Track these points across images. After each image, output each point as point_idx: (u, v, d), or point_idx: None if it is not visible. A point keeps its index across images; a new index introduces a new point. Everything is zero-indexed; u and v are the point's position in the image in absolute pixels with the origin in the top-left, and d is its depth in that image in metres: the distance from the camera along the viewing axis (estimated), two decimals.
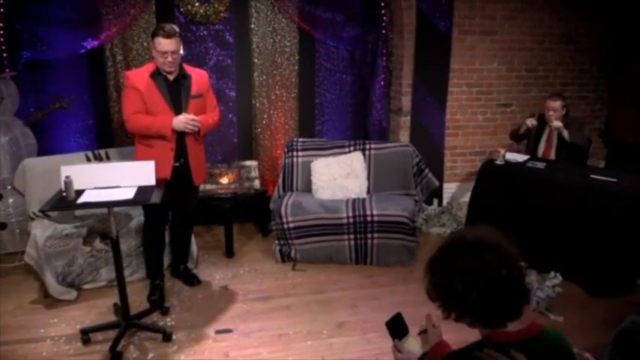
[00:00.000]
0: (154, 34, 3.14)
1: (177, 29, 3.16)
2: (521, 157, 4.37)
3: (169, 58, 3.13)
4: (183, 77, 3.29)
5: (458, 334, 1.70)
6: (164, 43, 3.09)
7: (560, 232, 3.79)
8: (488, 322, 1.34)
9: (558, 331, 1.43)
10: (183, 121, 3.19)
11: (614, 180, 3.80)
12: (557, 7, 5.11)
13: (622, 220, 3.58)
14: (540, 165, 4.16)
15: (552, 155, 4.42)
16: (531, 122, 4.43)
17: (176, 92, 3.28)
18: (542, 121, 4.46)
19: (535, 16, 5.10)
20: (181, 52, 3.22)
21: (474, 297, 1.27)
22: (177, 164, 3.33)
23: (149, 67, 3.26)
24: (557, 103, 4.31)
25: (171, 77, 3.24)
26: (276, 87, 4.82)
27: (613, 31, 5.32)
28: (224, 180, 4.60)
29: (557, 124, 4.24)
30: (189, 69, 3.36)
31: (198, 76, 3.37)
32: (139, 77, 3.23)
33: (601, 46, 5.38)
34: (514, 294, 1.30)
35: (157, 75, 3.22)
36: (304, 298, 3.57)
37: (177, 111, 3.25)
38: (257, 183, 4.71)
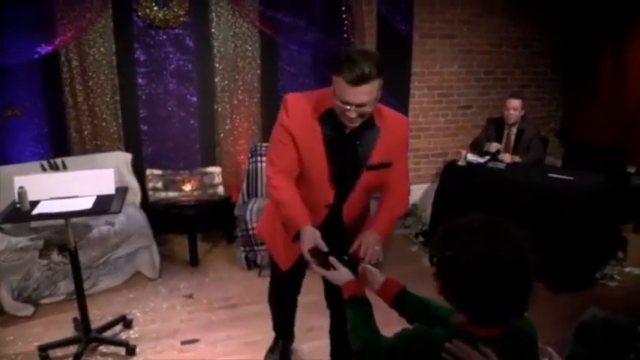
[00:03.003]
0: (338, 69, 1.83)
1: (380, 60, 1.84)
2: (482, 158, 4.46)
3: (352, 115, 1.88)
4: (364, 130, 2.01)
5: None
6: (349, 92, 1.83)
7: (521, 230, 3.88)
8: (473, 314, 1.29)
9: (528, 323, 1.42)
10: (308, 243, 1.85)
11: (571, 178, 3.93)
12: (513, 11, 5.27)
13: (579, 217, 3.70)
14: (501, 165, 4.27)
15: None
16: (496, 147, 4.47)
17: (348, 155, 2.04)
18: (500, 124, 4.56)
19: (492, 20, 5.24)
20: (379, 95, 1.92)
21: (478, 288, 1.22)
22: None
23: (320, 100, 2.01)
24: (517, 102, 4.42)
25: (347, 128, 2.01)
26: (239, 92, 4.78)
27: (566, 34, 5.51)
28: (186, 187, 4.52)
29: (507, 158, 4.35)
30: (379, 114, 2.05)
31: (392, 131, 2.07)
32: (300, 116, 2.01)
33: (555, 50, 5.57)
34: (520, 296, 1.26)
35: (327, 120, 2.00)
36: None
37: (341, 185, 2.09)
38: (221, 189, 4.66)
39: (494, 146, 4.46)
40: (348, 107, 1.86)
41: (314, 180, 2.07)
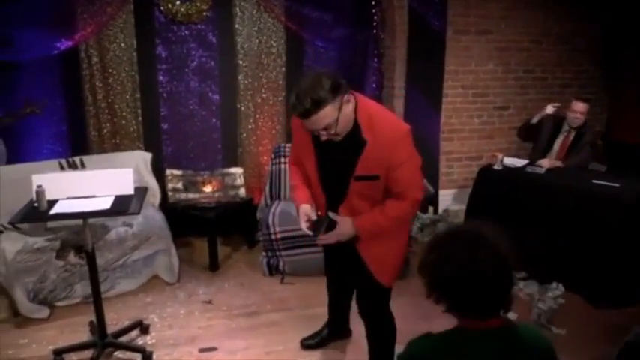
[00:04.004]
0: (290, 106, 2.11)
1: (322, 90, 2.00)
2: (519, 162, 4.39)
3: (323, 138, 2.12)
4: (351, 141, 2.16)
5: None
6: (305, 124, 2.10)
7: (561, 241, 3.80)
8: (461, 311, 1.45)
9: (541, 335, 1.55)
10: (302, 220, 2.32)
11: (616, 185, 3.83)
12: (554, 6, 5.17)
13: (625, 228, 3.60)
14: (540, 170, 4.19)
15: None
16: (551, 108, 4.39)
17: (338, 161, 2.23)
18: (560, 122, 4.46)
19: (531, 15, 5.15)
20: (349, 108, 2.11)
21: (456, 286, 1.40)
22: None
23: None
24: (584, 106, 4.32)
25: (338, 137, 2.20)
26: (262, 90, 4.80)
27: (611, 30, 5.38)
28: (207, 188, 4.56)
29: (546, 164, 4.27)
30: (370, 127, 2.15)
31: (380, 146, 2.13)
32: (299, 121, 2.25)
33: (599, 47, 5.44)
34: (494, 296, 1.41)
35: None
36: (293, 313, 3.54)
37: (332, 190, 2.32)
38: (242, 191, 4.68)
39: (549, 108, 4.39)
40: (316, 133, 2.11)
41: (311, 182, 2.39)
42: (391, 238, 2.37)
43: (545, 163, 4.26)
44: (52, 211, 2.70)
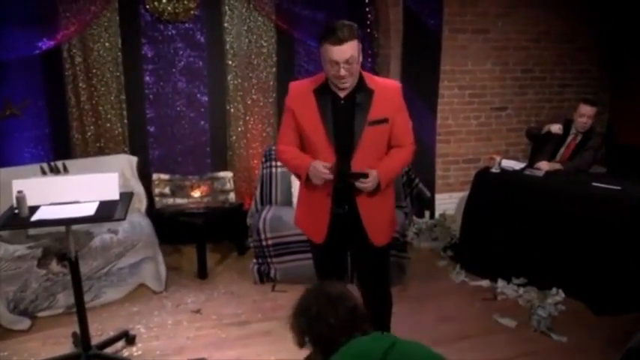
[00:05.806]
0: (322, 39, 2.43)
1: (354, 27, 2.43)
2: (518, 165, 4.42)
3: (341, 72, 2.41)
4: (359, 93, 2.54)
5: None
6: (334, 52, 2.38)
7: (561, 245, 3.83)
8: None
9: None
10: (320, 172, 2.45)
11: (618, 188, 3.86)
12: (554, 3, 5.21)
13: (627, 232, 3.63)
14: (539, 173, 4.22)
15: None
16: (556, 130, 4.45)
17: (346, 116, 2.54)
18: (569, 125, 4.50)
19: (530, 13, 5.18)
20: (360, 58, 2.49)
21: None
22: (340, 211, 2.62)
23: (317, 79, 2.60)
24: (593, 110, 4.35)
25: (342, 94, 2.53)
26: (253, 91, 4.81)
27: (613, 28, 5.43)
28: (196, 193, 4.56)
29: (545, 166, 4.31)
30: (372, 80, 2.60)
31: (385, 91, 2.59)
32: (298, 94, 2.61)
33: (600, 45, 5.49)
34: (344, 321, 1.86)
35: (322, 92, 2.55)
36: (286, 322, 3.54)
37: (342, 144, 2.53)
38: (232, 196, 4.68)
39: (555, 128, 4.43)
40: (337, 66, 2.40)
41: (316, 144, 2.56)
42: (383, 199, 2.66)
43: (544, 166, 4.29)
44: (34, 218, 2.69)
